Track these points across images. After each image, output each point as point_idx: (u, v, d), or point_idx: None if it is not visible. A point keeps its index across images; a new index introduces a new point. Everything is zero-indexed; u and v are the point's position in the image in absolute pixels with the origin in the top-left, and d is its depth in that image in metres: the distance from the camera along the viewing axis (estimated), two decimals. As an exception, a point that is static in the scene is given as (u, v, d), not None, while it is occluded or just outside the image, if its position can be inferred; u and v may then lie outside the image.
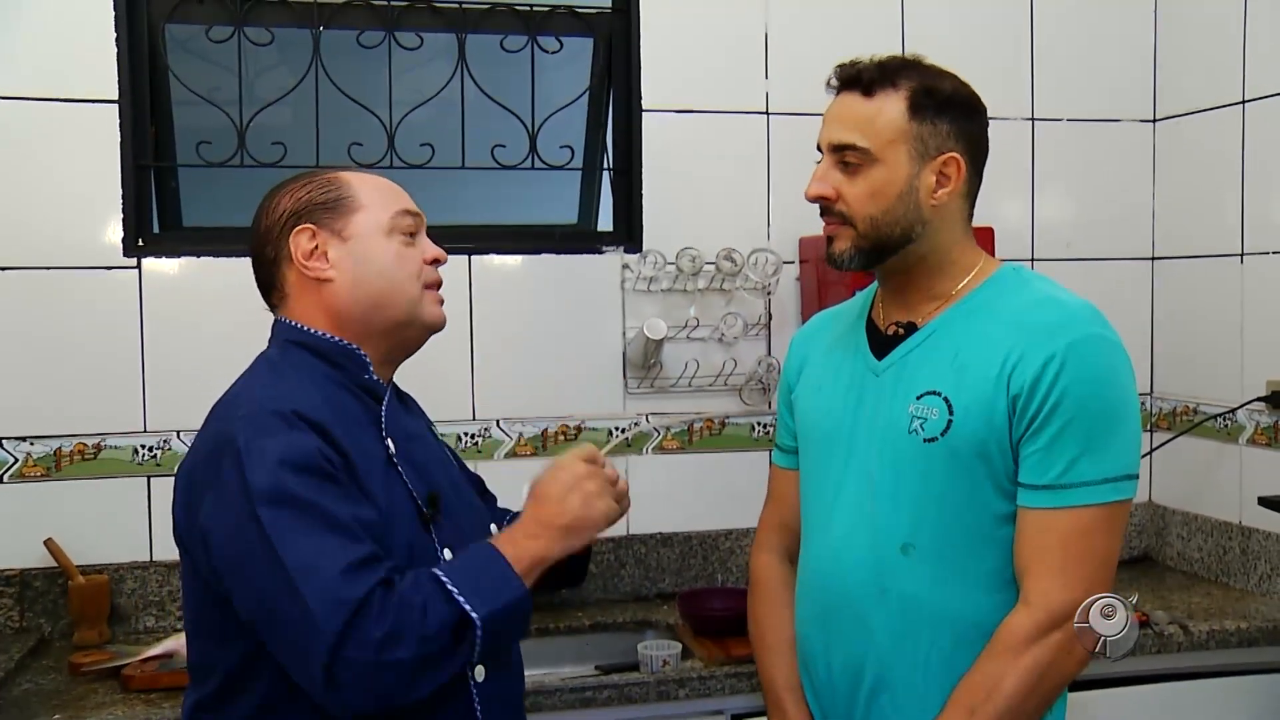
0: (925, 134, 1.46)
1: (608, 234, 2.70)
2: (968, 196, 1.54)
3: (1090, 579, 1.38)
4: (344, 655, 1.21)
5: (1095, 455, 1.37)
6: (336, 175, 1.48)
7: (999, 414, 1.39)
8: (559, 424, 2.60)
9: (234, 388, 1.42)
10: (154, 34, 2.45)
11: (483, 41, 2.63)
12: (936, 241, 1.50)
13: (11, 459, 2.34)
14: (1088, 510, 1.37)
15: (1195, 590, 2.63)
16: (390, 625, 1.22)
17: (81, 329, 2.36)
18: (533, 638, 2.43)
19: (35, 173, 2.35)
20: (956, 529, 1.43)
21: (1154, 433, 2.91)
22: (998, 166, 2.79)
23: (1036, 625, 1.38)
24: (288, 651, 1.27)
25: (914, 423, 1.44)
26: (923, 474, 1.43)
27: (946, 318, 1.49)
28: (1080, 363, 1.38)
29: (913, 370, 1.48)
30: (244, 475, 1.26)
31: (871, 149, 1.46)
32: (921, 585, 1.44)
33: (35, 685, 2.06)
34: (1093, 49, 2.86)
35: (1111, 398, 1.39)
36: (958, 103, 1.50)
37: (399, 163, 2.56)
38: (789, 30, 2.68)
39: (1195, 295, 2.79)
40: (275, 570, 1.24)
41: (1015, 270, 1.54)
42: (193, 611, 1.41)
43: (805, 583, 1.60)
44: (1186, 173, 2.82)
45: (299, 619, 1.23)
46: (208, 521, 1.30)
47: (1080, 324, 1.41)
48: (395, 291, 1.45)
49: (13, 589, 2.32)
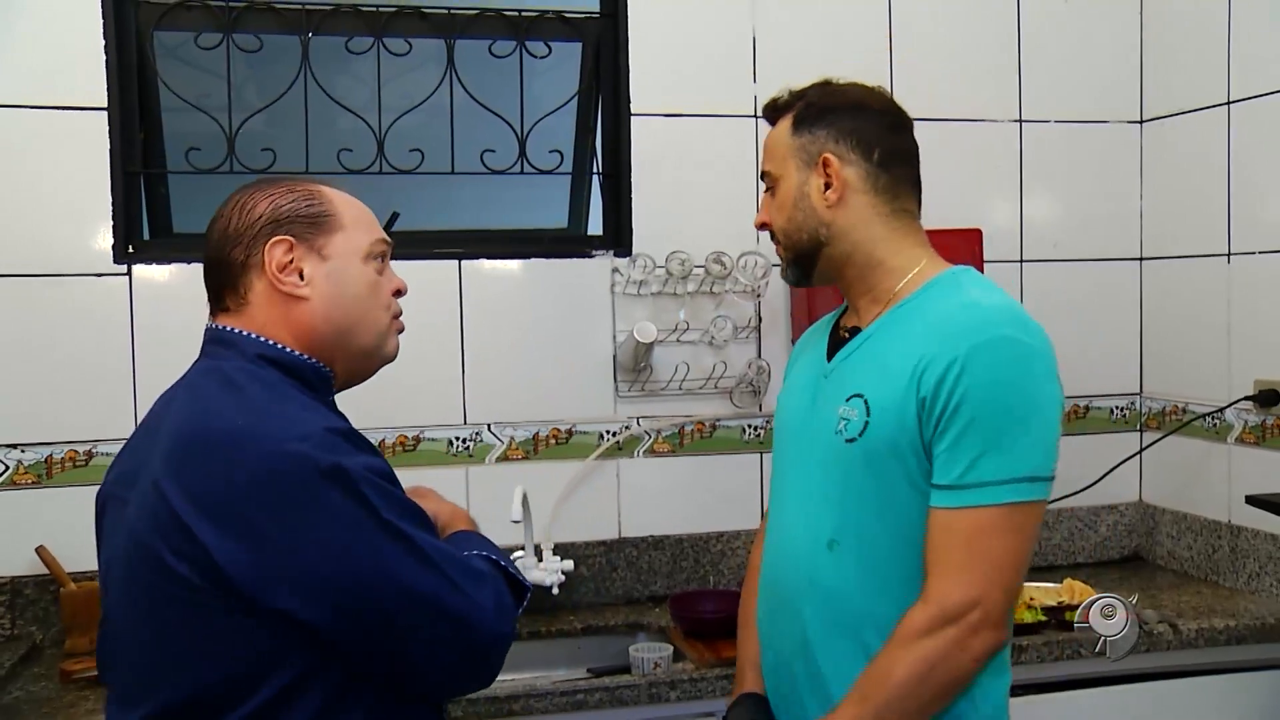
0: (806, 144, 1.56)
1: (597, 238, 2.71)
2: (875, 193, 1.55)
3: (989, 579, 1.39)
4: (500, 632, 1.32)
5: (997, 456, 1.38)
6: (319, 189, 1.43)
7: (910, 416, 1.42)
8: (550, 428, 2.61)
9: (230, 414, 1.27)
10: (143, 41, 2.46)
11: (471, 47, 2.63)
12: (851, 241, 1.55)
13: (2, 466, 2.34)
14: (987, 510, 1.38)
15: (1185, 589, 2.64)
16: (510, 598, 1.36)
17: (72, 336, 2.37)
18: (524, 641, 2.43)
19: (24, 180, 2.35)
20: (877, 528, 1.46)
21: (1143, 432, 2.92)
22: (985, 168, 2.85)
23: (930, 620, 1.39)
24: (440, 645, 1.29)
25: (839, 423, 1.48)
26: (845, 473, 1.47)
27: (883, 321, 1.53)
28: (982, 365, 1.38)
29: (847, 373, 1.53)
30: (353, 491, 1.23)
31: (773, 170, 1.60)
32: (846, 581, 1.48)
33: (26, 693, 2.06)
34: (1080, 50, 2.87)
35: (1015, 399, 1.39)
36: (838, 108, 1.56)
37: (388, 168, 2.57)
38: (777, 33, 2.69)
39: (1183, 295, 2.81)
40: (422, 568, 1.27)
41: (955, 274, 1.54)
42: (218, 647, 1.24)
43: (762, 574, 1.67)
44: (1174, 173, 2.84)
45: (462, 610, 1.28)
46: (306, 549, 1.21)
47: (990, 326, 1.42)
48: (367, 319, 1.42)
49: (4, 596, 2.32)
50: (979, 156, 2.83)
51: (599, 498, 2.64)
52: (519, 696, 2.04)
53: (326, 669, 1.26)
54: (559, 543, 2.56)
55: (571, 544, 2.58)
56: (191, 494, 1.22)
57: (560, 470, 2.60)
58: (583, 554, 2.60)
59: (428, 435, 2.55)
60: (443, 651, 1.29)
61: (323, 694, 1.27)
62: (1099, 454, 2.85)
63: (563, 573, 2.46)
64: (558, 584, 2.45)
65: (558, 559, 2.48)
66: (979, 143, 2.83)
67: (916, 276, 1.54)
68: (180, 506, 1.22)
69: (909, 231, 1.58)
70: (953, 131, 2.79)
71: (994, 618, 1.40)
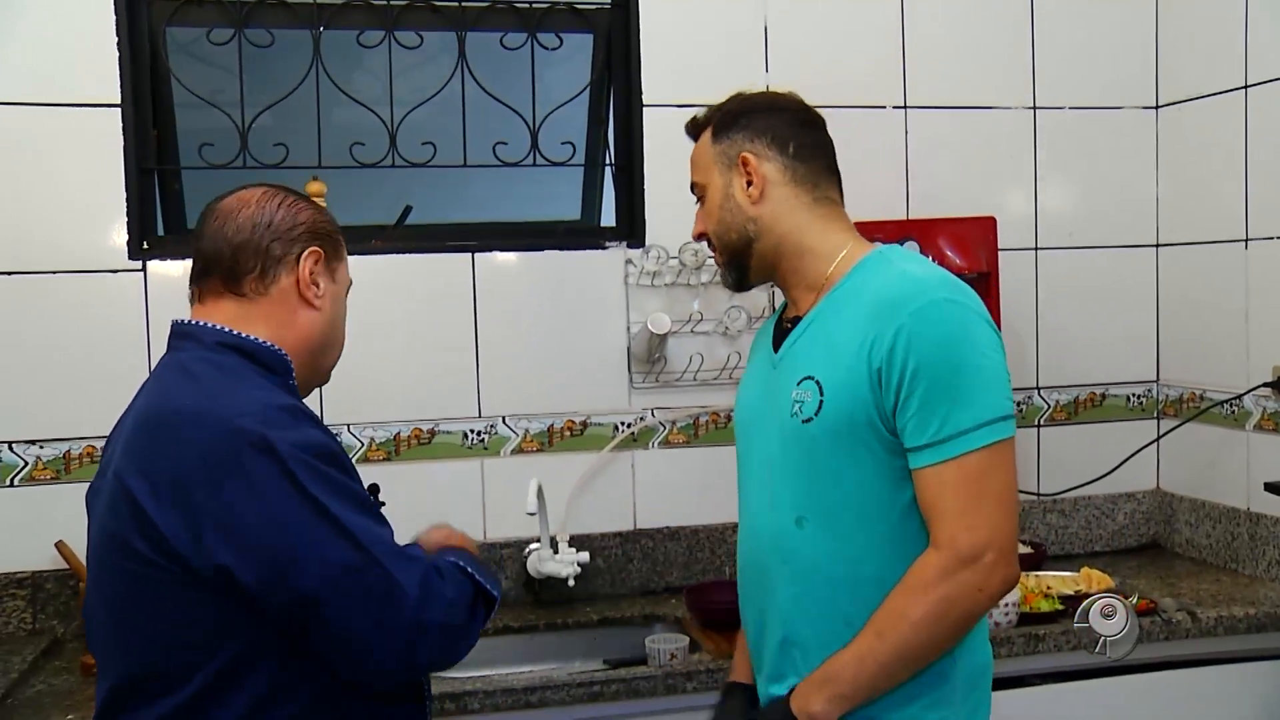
0: (725, 148, 1.64)
1: (610, 229, 2.71)
2: (794, 184, 1.62)
3: (992, 517, 1.46)
4: (425, 618, 1.33)
5: (964, 405, 1.46)
6: None
7: (863, 388, 1.49)
8: (565, 420, 2.61)
9: (188, 396, 1.36)
10: (155, 37, 2.46)
11: (483, 39, 2.63)
12: (779, 232, 1.62)
13: (21, 462, 2.36)
14: (972, 455, 1.46)
15: (1204, 577, 2.62)
16: (454, 592, 1.38)
17: (87, 332, 2.38)
18: (541, 633, 2.44)
19: (39, 177, 2.37)
20: (842, 500, 1.53)
21: (1160, 420, 2.91)
22: (999, 156, 2.84)
23: (944, 564, 1.46)
24: (360, 623, 1.30)
25: (794, 406, 1.55)
26: (807, 452, 1.54)
27: (821, 307, 1.60)
28: (925, 327, 1.46)
29: (794, 358, 1.60)
30: (281, 464, 1.29)
31: (699, 180, 1.69)
32: (818, 553, 1.55)
33: (48, 686, 2.08)
34: (1094, 36, 2.85)
35: (962, 354, 1.47)
36: (750, 110, 1.66)
37: (401, 161, 2.57)
38: (788, 23, 2.68)
39: (1200, 282, 2.79)
40: (345, 544, 1.30)
41: (880, 252, 1.61)
42: (169, 619, 1.33)
43: (738, 559, 1.74)
44: (1190, 159, 2.82)
45: (382, 587, 1.31)
46: (236, 524, 1.28)
47: (924, 292, 1.49)
48: (339, 345, 1.57)
49: (25, 591, 2.34)
50: (993, 144, 2.82)
51: (614, 489, 2.64)
52: (536, 688, 2.04)
53: (270, 649, 1.33)
54: (574, 534, 2.56)
55: (587, 535, 2.59)
56: (144, 473, 1.33)
57: (575, 462, 2.60)
58: (598, 545, 2.60)
59: (442, 428, 2.55)
60: (361, 628, 1.31)
61: (269, 674, 1.33)
62: (1116, 442, 2.84)
63: (578, 564, 2.47)
64: (573, 576, 2.45)
65: (573, 551, 2.49)
66: (993, 130, 2.81)
67: (845, 259, 1.60)
68: (135, 486, 1.32)
69: (833, 218, 1.64)
70: (966, 119, 2.77)
71: (1007, 554, 1.47)
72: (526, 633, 2.44)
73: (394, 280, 2.50)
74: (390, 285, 2.49)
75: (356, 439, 2.50)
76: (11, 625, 2.33)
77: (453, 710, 2.01)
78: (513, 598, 2.55)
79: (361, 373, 2.33)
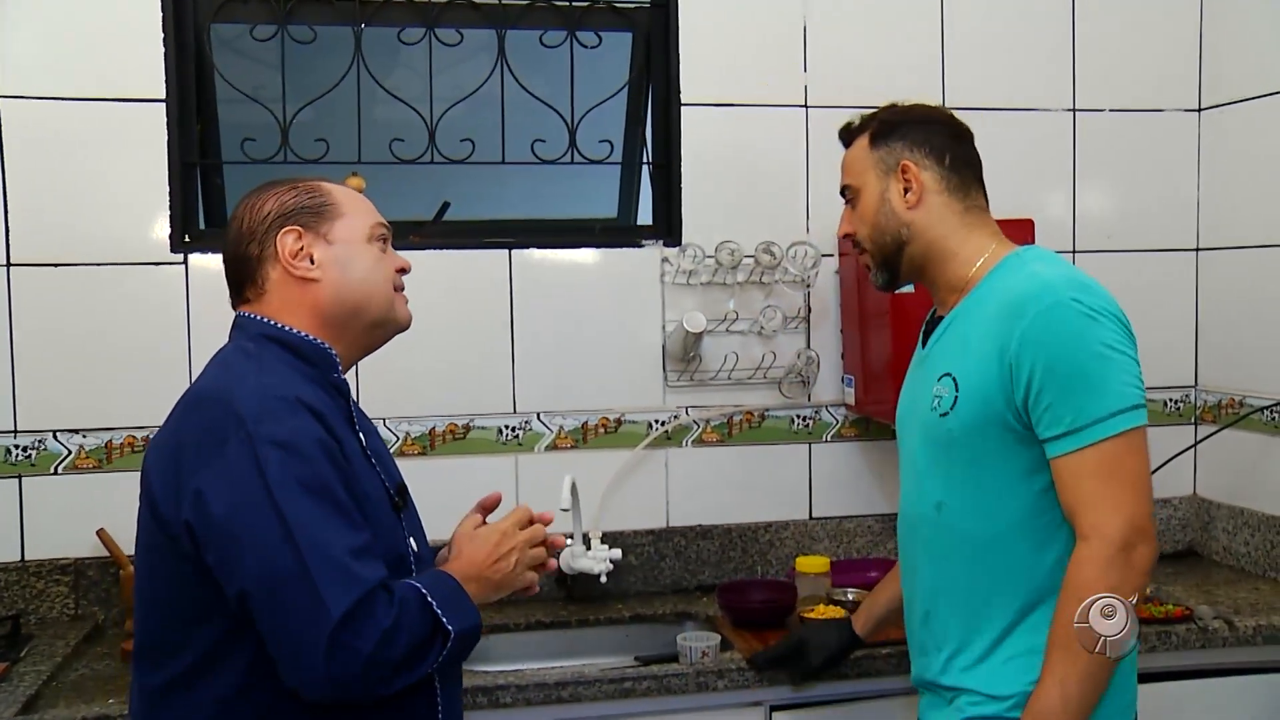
0: (883, 155, 1.74)
1: (647, 228, 2.71)
2: (948, 193, 1.73)
3: (1131, 500, 1.54)
4: (343, 640, 1.29)
5: (1095, 397, 1.53)
6: (317, 183, 1.56)
7: (995, 386, 1.59)
8: (599, 417, 2.62)
9: (213, 379, 1.46)
10: (200, 34, 2.50)
11: (522, 37, 2.65)
12: (930, 237, 1.73)
13: (65, 451, 2.40)
14: (1108, 442, 1.53)
15: (1242, 585, 2.60)
16: (390, 622, 1.33)
17: (130, 324, 2.41)
18: (573, 629, 2.45)
19: (84, 171, 2.40)
20: (978, 487, 1.64)
21: (1198, 426, 2.88)
22: (1038, 158, 2.82)
23: (1096, 556, 1.53)
24: (282, 632, 1.32)
25: (934, 400, 1.67)
26: (944, 444, 1.66)
27: (962, 307, 1.70)
28: (1048, 328, 1.55)
29: (936, 356, 1.72)
30: (255, 454, 1.33)
31: (853, 183, 1.79)
32: (954, 536, 1.67)
33: (91, 670, 2.12)
34: (1136, 37, 2.83)
35: (1087, 351, 1.54)
36: (908, 121, 1.76)
37: (439, 158, 2.59)
38: (827, 23, 2.68)
39: (1240, 286, 2.76)
40: (286, 548, 1.31)
41: (1017, 254, 1.70)
42: (165, 591, 1.41)
43: (898, 538, 1.87)
44: (1232, 162, 2.79)
45: (305, 601, 1.30)
46: (206, 496, 1.33)
47: (1049, 293, 1.57)
48: (374, 293, 1.55)
49: (68, 578, 2.38)
50: (1032, 146, 2.80)
51: (647, 487, 2.65)
52: (567, 683, 2.05)
53: (243, 638, 1.36)
54: (607, 531, 2.57)
55: (620, 533, 2.60)
56: (158, 445, 1.44)
57: (609, 459, 2.61)
58: (631, 543, 2.61)
59: (477, 424, 2.57)
60: (281, 637, 1.33)
61: (246, 662, 1.37)
62: (1152, 447, 2.76)
63: (611, 561, 2.47)
64: (606, 572, 2.46)
65: (606, 547, 2.49)
66: (1032, 132, 2.80)
67: (986, 261, 1.70)
68: (151, 458, 1.44)
69: (980, 224, 1.74)
70: (1005, 121, 2.76)
71: (1147, 532, 1.54)
72: (558, 628, 2.46)
73: (431, 276, 2.51)
74: (427, 281, 2.47)
75: (392, 433, 2.52)
76: (55, 611, 2.37)
77: (485, 704, 2.03)
78: (545, 594, 2.56)
79: (397, 367, 2.35)
